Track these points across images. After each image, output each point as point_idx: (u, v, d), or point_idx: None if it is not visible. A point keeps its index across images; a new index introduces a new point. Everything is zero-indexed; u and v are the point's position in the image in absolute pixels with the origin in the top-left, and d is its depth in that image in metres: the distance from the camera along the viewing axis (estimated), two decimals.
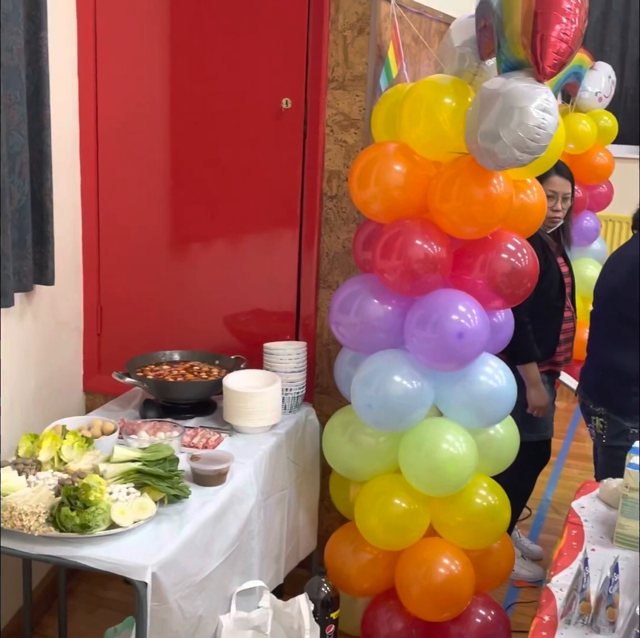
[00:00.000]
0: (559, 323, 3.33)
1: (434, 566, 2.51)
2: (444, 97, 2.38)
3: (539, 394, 3.19)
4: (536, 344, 3.18)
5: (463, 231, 2.42)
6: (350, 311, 2.52)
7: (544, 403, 3.20)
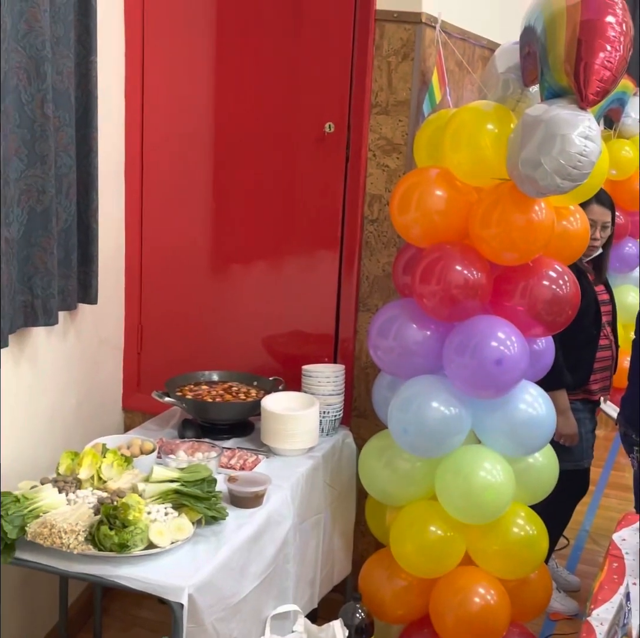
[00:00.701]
0: (593, 351, 3.28)
1: (470, 595, 2.48)
2: (486, 124, 2.39)
3: (567, 423, 3.15)
4: (568, 372, 3.14)
5: (503, 257, 2.41)
6: (389, 335, 2.52)
7: (571, 431, 3.15)
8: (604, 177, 2.58)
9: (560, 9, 2.17)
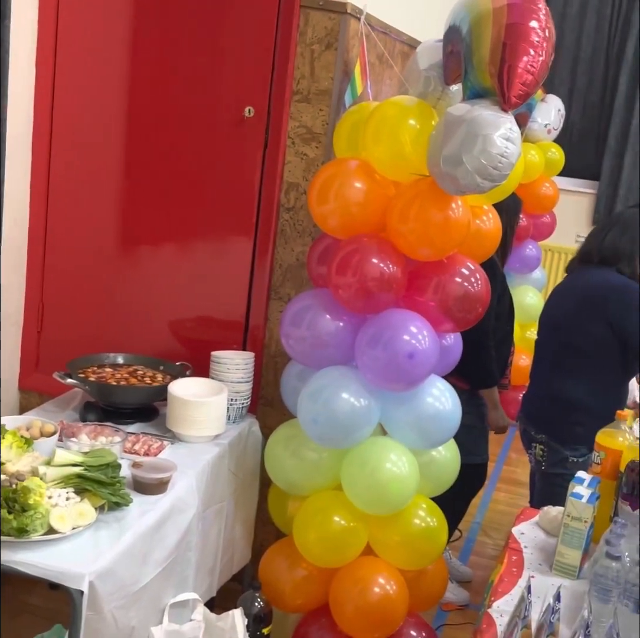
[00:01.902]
0: (509, 347, 3.39)
1: (369, 585, 2.50)
2: (408, 119, 2.39)
3: (501, 415, 3.27)
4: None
5: (419, 253, 2.43)
6: (302, 324, 2.51)
7: (505, 423, 3.29)
8: (519, 179, 2.63)
9: (487, 10, 2.19)
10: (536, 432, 2.97)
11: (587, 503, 2.00)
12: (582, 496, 2.02)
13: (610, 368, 2.85)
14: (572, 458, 2.87)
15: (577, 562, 2.01)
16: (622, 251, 2.88)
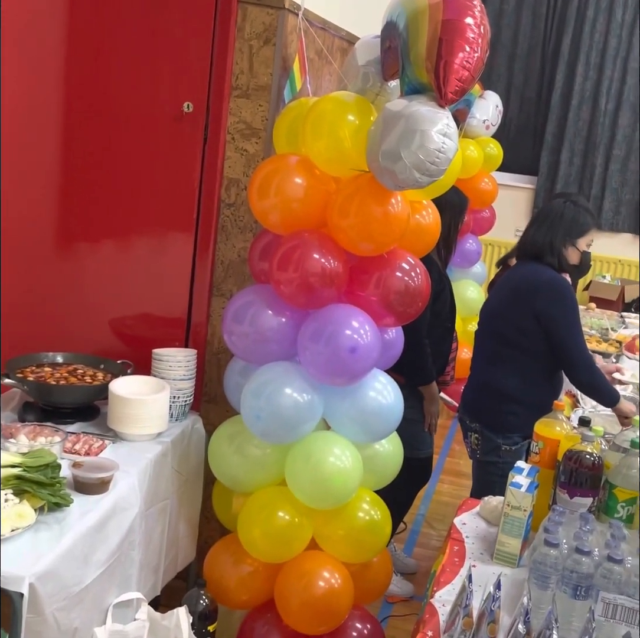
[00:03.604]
0: (450, 343, 3.43)
1: (314, 579, 2.51)
2: (347, 114, 2.40)
3: (436, 411, 3.31)
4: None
5: (360, 248, 2.45)
6: (244, 320, 2.50)
7: (438, 419, 3.35)
8: (457, 175, 2.66)
9: (423, 6, 2.21)
10: (471, 421, 3.03)
11: (526, 492, 2.03)
12: (521, 485, 2.05)
13: (540, 359, 2.92)
14: (505, 446, 2.93)
15: (517, 551, 2.04)
16: (542, 243, 2.95)
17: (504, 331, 2.95)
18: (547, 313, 2.85)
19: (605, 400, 2.95)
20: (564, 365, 2.93)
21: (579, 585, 1.75)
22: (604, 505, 2.09)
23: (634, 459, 2.06)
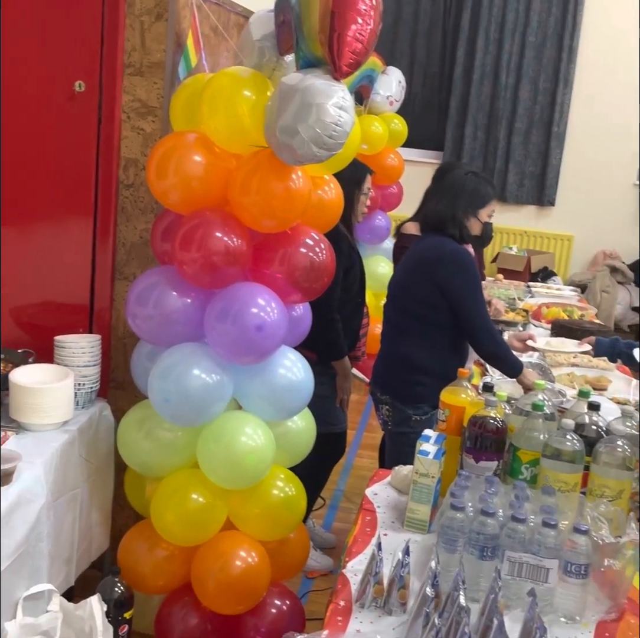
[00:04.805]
0: (360, 318, 3.46)
1: (231, 559, 2.50)
2: (243, 90, 2.38)
3: (349, 388, 3.33)
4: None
5: (263, 225, 2.43)
6: (148, 303, 2.47)
7: (350, 395, 3.37)
8: (356, 148, 2.67)
9: None
10: (381, 393, 3.07)
11: (434, 459, 2.06)
12: (428, 453, 2.08)
13: (444, 329, 2.96)
14: (415, 416, 2.97)
15: (426, 517, 2.07)
16: (445, 215, 2.99)
17: (409, 304, 2.99)
18: (449, 284, 2.89)
19: (509, 370, 3.01)
20: (468, 336, 2.98)
21: (485, 546, 1.78)
22: (508, 468, 2.14)
23: (536, 421, 2.11)
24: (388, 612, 1.73)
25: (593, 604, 1.82)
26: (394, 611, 1.73)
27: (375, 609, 1.75)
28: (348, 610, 1.75)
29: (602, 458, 2.03)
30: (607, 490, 2.01)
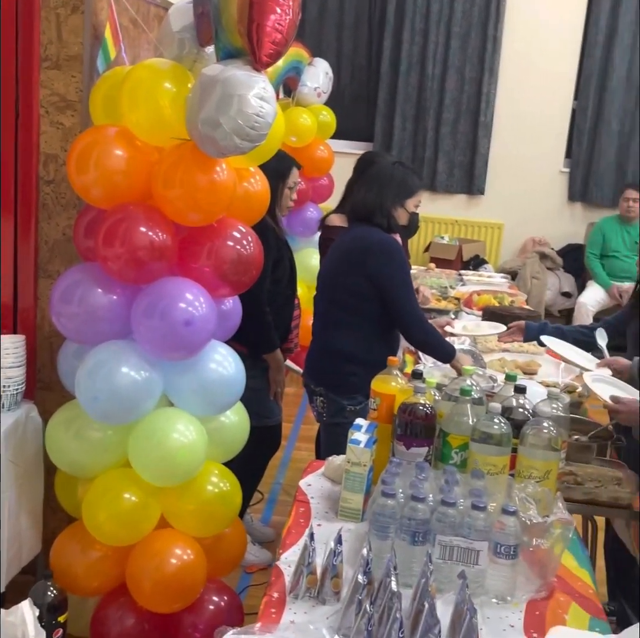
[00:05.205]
0: (292, 310, 3.45)
1: (166, 557, 2.47)
2: (163, 82, 2.35)
3: (282, 380, 3.33)
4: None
5: (188, 218, 2.41)
6: (73, 301, 2.42)
7: (284, 387, 3.36)
8: (281, 140, 2.66)
9: None
10: (315, 385, 3.07)
11: (365, 448, 2.07)
12: (360, 441, 2.09)
13: (374, 319, 2.98)
14: (349, 407, 2.98)
15: (359, 505, 2.08)
16: (373, 205, 3.00)
17: (339, 294, 3.00)
18: (379, 274, 2.91)
19: (442, 356, 3.05)
20: (398, 325, 3.00)
21: (416, 531, 1.80)
22: (439, 453, 2.16)
23: (464, 406, 2.14)
24: (322, 602, 1.74)
25: (523, 584, 1.85)
26: (328, 600, 1.74)
27: (309, 599, 1.75)
28: (282, 601, 1.74)
29: (529, 440, 2.06)
30: (534, 471, 2.05)
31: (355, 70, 7.02)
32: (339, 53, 6.90)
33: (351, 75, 7.00)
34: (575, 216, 7.19)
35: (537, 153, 7.01)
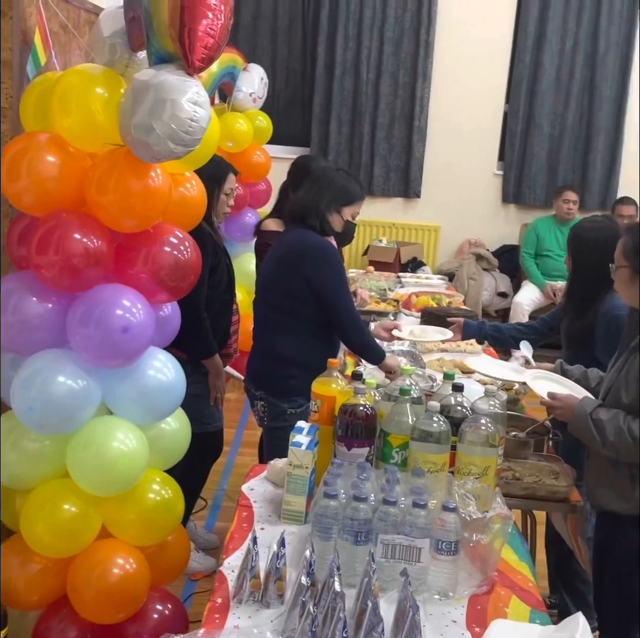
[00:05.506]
0: (230, 315, 3.44)
1: (108, 567, 2.44)
2: (95, 87, 2.34)
3: (222, 385, 3.31)
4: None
5: (123, 224, 2.39)
6: (7, 310, 2.38)
7: (224, 393, 3.35)
8: (216, 144, 2.66)
9: None
10: (256, 389, 3.07)
11: (306, 450, 2.08)
12: (301, 444, 2.10)
13: (313, 321, 2.99)
14: (290, 410, 2.99)
15: (302, 508, 2.09)
16: (309, 206, 3.01)
17: (277, 298, 3.00)
18: (315, 276, 2.92)
19: (374, 358, 3.08)
20: (335, 327, 3.01)
21: (359, 531, 1.81)
22: (380, 453, 2.18)
23: (404, 405, 2.16)
24: (266, 605, 1.74)
25: (465, 579, 1.88)
26: (272, 603, 1.74)
27: (253, 603, 1.75)
28: (226, 606, 1.74)
29: (467, 437, 2.09)
30: (473, 467, 2.08)
31: (290, 76, 7.03)
32: (273, 58, 6.91)
33: (286, 81, 7.02)
34: (509, 218, 7.32)
35: (471, 156, 7.12)
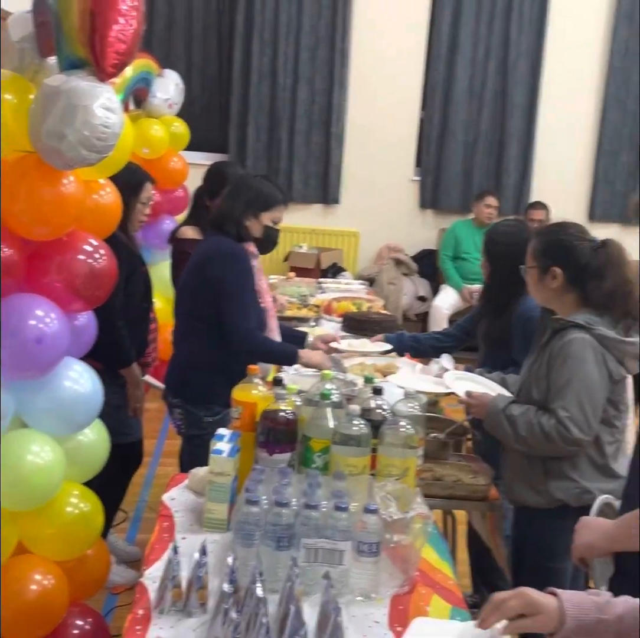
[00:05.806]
0: (147, 324, 3.40)
1: (25, 584, 2.38)
2: (3, 94, 2.30)
3: (142, 394, 3.27)
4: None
5: (34, 232, 2.35)
6: None
7: (143, 403, 3.30)
8: (130, 150, 2.63)
9: None
10: (173, 397, 3.05)
11: (228, 457, 2.07)
12: (222, 451, 2.08)
13: None
14: (206, 418, 2.97)
15: (224, 515, 2.07)
16: (226, 212, 3.01)
17: (193, 304, 2.99)
18: (216, 278, 2.89)
19: (283, 361, 3.07)
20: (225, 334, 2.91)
21: (281, 536, 1.80)
22: (302, 457, 2.18)
23: (325, 410, 2.17)
24: (188, 614, 1.72)
25: (387, 580, 1.90)
26: (194, 612, 1.72)
27: (175, 613, 1.73)
28: (147, 618, 1.71)
29: (387, 439, 2.12)
30: (393, 469, 2.11)
31: (206, 81, 7.00)
32: (188, 64, 6.86)
33: (202, 86, 6.99)
34: (427, 223, 7.43)
35: (389, 162, 7.21)
